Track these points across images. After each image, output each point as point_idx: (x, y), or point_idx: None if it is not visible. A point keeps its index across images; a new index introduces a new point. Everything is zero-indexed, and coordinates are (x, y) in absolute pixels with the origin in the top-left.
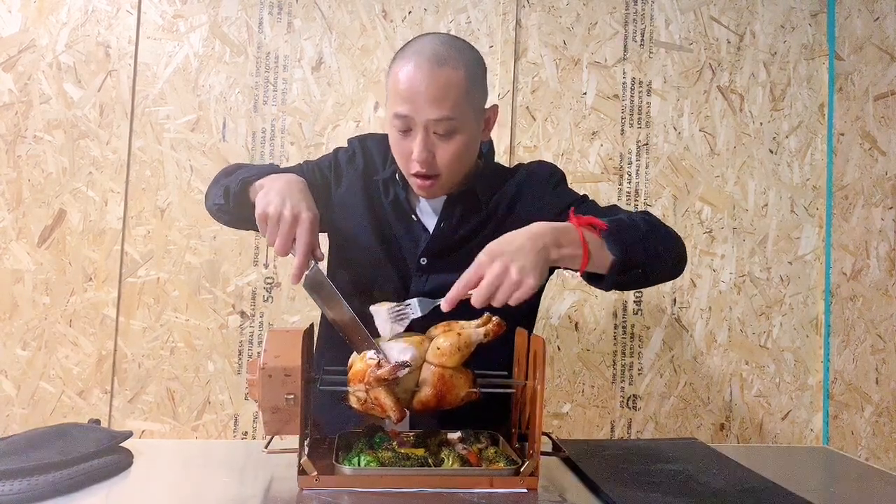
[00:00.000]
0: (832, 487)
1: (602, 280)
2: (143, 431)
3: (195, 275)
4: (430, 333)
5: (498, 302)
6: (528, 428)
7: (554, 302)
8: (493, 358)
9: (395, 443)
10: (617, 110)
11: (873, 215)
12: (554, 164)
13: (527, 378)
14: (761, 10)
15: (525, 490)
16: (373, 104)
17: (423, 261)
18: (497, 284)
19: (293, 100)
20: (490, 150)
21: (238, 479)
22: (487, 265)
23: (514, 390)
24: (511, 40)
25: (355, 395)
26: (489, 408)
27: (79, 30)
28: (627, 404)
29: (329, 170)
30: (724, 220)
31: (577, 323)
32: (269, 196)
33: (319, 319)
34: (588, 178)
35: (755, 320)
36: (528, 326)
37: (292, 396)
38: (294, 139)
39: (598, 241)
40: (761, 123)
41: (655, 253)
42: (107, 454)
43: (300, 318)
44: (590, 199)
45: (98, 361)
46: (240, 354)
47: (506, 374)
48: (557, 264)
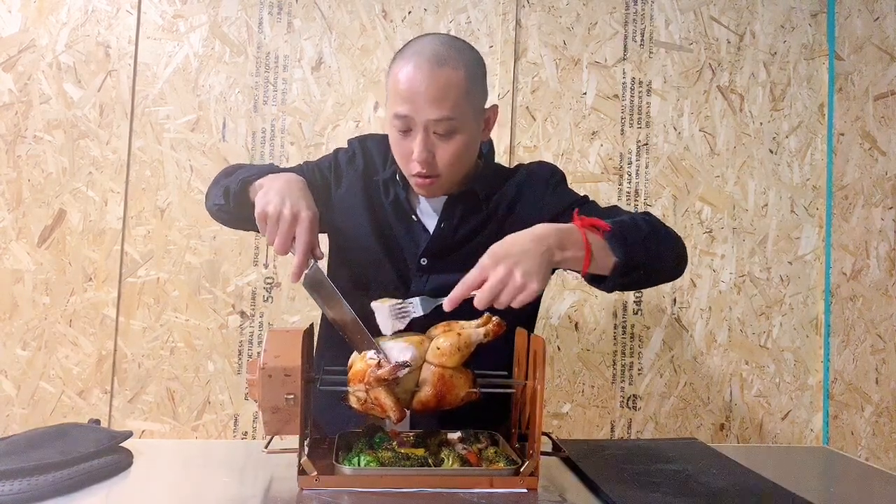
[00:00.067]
0: (832, 487)
1: (604, 281)
2: (143, 431)
3: (195, 275)
4: (430, 333)
5: (501, 305)
6: (527, 428)
7: (554, 302)
8: (494, 358)
9: (395, 443)
10: (617, 110)
11: (873, 215)
12: (554, 165)
13: (527, 378)
14: (761, 10)
15: (525, 490)
16: (373, 104)
17: (424, 261)
18: (500, 288)
19: (293, 100)
20: (490, 151)
21: (238, 479)
22: (491, 268)
23: (514, 390)
24: (511, 40)
25: (355, 395)
26: (489, 408)
27: (79, 30)
28: (627, 404)
29: (329, 170)
30: (724, 220)
31: (577, 323)
32: (268, 195)
33: (319, 319)
34: (588, 179)
35: (755, 320)
36: (528, 326)
37: (292, 396)
38: (294, 139)
39: (601, 242)
40: (761, 123)
41: (657, 254)
42: (107, 454)
43: (300, 318)
44: (590, 199)
45: (98, 361)
46: (240, 354)
47: (506, 374)
48: (560, 266)
